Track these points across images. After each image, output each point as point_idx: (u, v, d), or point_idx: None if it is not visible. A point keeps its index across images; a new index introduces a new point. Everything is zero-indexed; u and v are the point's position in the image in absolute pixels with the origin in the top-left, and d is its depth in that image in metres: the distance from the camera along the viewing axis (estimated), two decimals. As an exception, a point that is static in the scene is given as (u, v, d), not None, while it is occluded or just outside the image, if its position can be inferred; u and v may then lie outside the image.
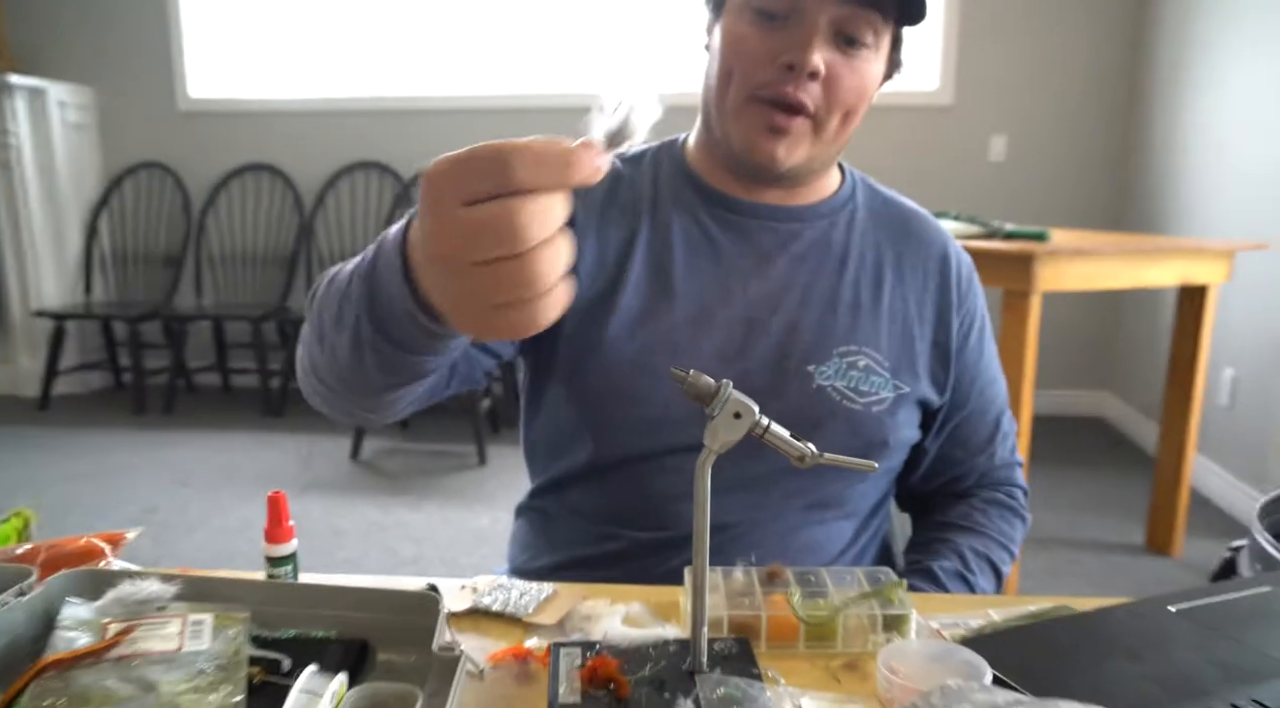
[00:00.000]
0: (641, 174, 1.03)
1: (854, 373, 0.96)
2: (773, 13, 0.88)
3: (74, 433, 3.96)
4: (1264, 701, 0.61)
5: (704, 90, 0.97)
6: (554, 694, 0.64)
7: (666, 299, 0.96)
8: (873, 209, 1.05)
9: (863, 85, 0.92)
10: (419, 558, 2.74)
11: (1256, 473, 2.96)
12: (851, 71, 0.90)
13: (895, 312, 1.00)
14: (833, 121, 0.92)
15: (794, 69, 0.87)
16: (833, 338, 0.97)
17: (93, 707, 0.58)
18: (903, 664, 0.65)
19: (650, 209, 1.00)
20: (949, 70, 4.14)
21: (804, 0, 0.86)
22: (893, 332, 0.99)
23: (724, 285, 0.97)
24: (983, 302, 1.08)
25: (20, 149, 4.29)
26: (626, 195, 1.01)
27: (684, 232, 0.98)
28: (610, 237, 0.98)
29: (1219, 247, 2.50)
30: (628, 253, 0.97)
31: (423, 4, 4.39)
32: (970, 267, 1.08)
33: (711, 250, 0.98)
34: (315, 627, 0.70)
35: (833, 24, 0.88)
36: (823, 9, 0.87)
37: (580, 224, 0.97)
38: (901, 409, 0.98)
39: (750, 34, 0.89)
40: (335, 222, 4.54)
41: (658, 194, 1.01)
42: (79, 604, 0.67)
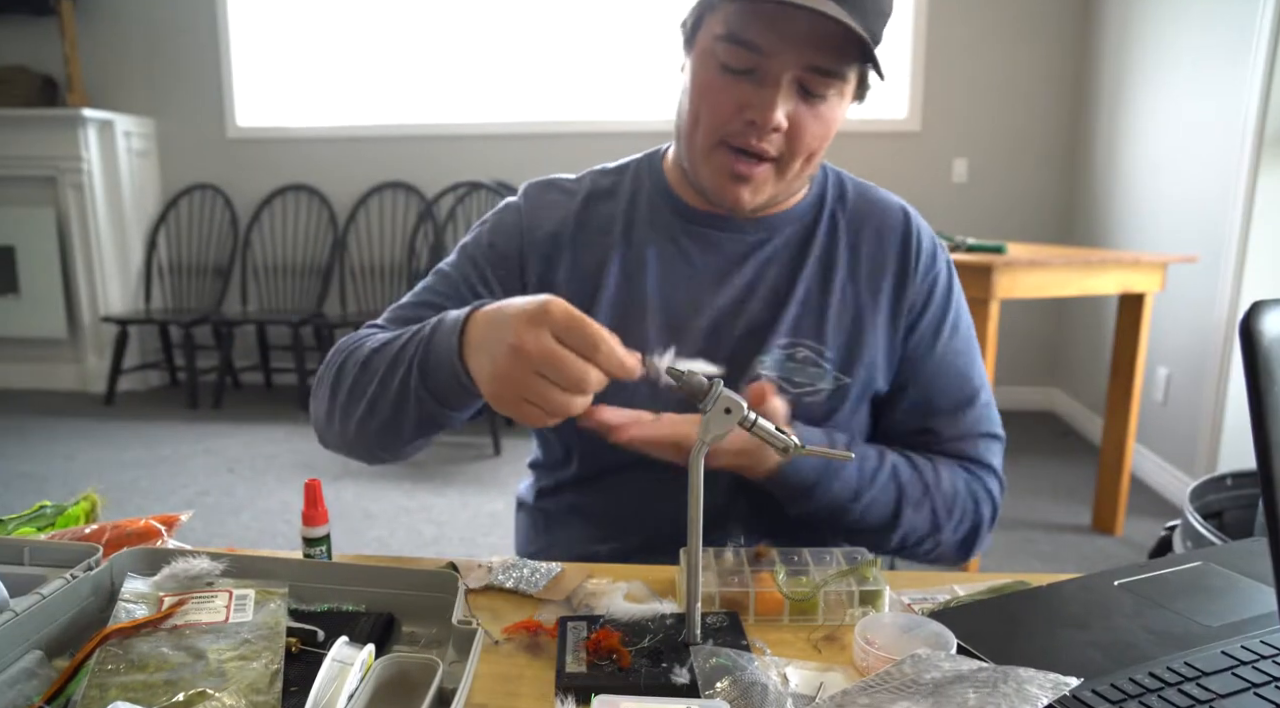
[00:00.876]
0: (620, 192, 0.98)
1: (791, 364, 0.91)
2: (736, 68, 0.81)
3: (135, 425, 3.95)
4: (1196, 664, 0.61)
5: (677, 117, 0.90)
6: (562, 664, 0.64)
7: (639, 315, 0.92)
8: (843, 204, 0.98)
9: (826, 130, 0.86)
10: (440, 539, 2.73)
11: (1188, 461, 2.96)
12: (815, 119, 0.84)
13: (846, 303, 0.93)
14: (796, 164, 0.86)
15: (757, 125, 0.81)
16: (776, 331, 0.91)
17: (149, 672, 0.58)
18: (877, 636, 0.64)
19: (625, 229, 0.95)
20: (916, 100, 4.14)
21: (767, 63, 0.80)
22: (841, 323, 0.93)
23: (694, 298, 0.93)
24: (956, 293, 0.98)
25: (91, 174, 4.30)
26: (604, 215, 0.96)
27: (659, 250, 0.94)
28: (585, 257, 0.95)
29: (1154, 259, 2.50)
30: (602, 272, 0.94)
31: (446, 37, 4.39)
32: (933, 254, 0.97)
33: (685, 266, 0.93)
34: (346, 601, 0.70)
35: (796, 80, 0.81)
36: (785, 70, 0.80)
37: (558, 241, 0.95)
38: (844, 401, 0.92)
39: (717, 84, 0.83)
40: (365, 236, 4.53)
41: (635, 213, 0.96)
42: (138, 579, 0.67)
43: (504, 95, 4.41)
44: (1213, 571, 0.77)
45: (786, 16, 0.77)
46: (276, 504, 3.00)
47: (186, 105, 4.57)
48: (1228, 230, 2.73)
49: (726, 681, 0.59)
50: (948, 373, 0.96)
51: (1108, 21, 3.76)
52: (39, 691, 0.58)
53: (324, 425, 0.89)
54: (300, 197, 4.55)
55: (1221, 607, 0.70)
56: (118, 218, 4.46)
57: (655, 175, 0.98)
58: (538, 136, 4.34)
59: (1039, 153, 4.12)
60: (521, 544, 1.07)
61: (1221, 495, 1.72)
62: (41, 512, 0.87)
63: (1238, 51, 2.71)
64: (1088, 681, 0.58)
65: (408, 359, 0.78)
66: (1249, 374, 0.53)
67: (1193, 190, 2.99)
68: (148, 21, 4.49)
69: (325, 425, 0.89)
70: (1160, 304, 3.02)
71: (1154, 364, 3.15)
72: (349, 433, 0.86)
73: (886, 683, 0.56)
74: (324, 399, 0.88)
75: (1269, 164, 2.61)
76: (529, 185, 1.00)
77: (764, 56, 0.79)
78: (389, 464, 0.95)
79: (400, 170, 4.48)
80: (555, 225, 0.96)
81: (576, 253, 0.95)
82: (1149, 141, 3.34)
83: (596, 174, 1.00)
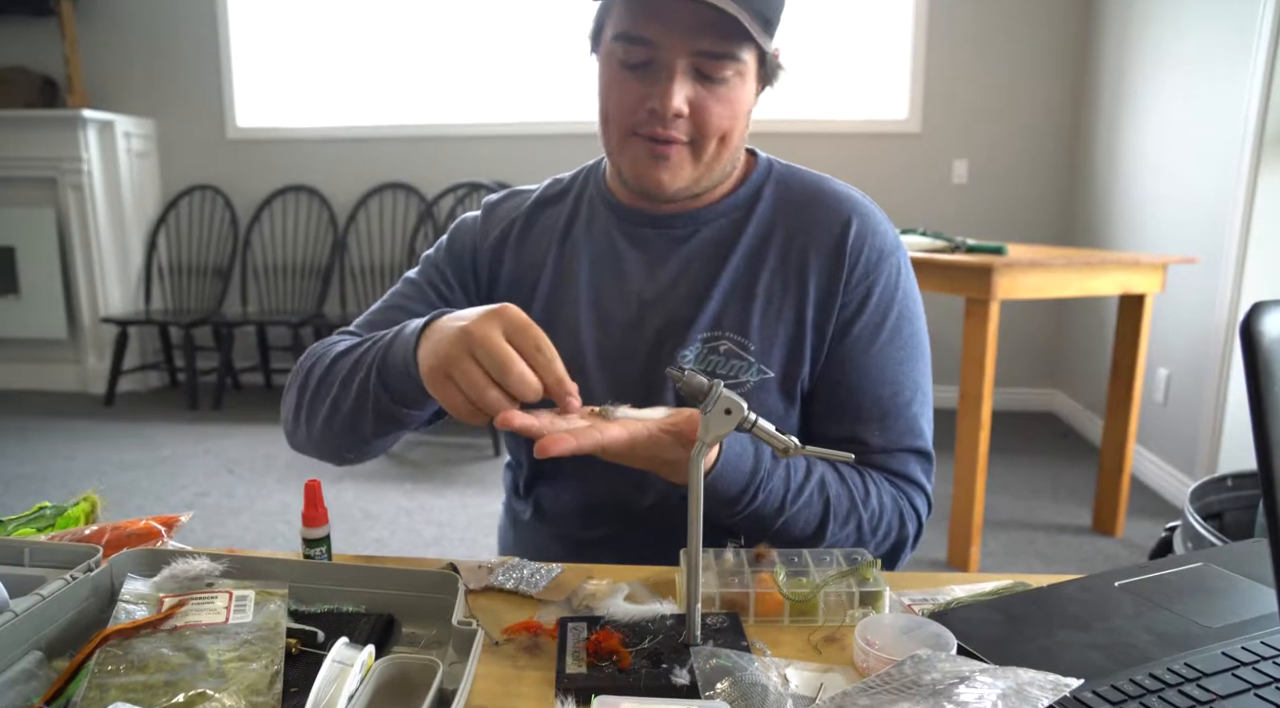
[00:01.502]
0: (567, 197, 1.02)
1: (714, 357, 0.91)
2: (633, 65, 0.85)
3: (135, 426, 3.95)
4: (1196, 665, 0.61)
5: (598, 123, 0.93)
6: (562, 665, 0.64)
7: (570, 308, 0.96)
8: (780, 195, 0.96)
9: (732, 110, 0.87)
10: (440, 540, 2.73)
11: (1188, 462, 2.96)
12: (717, 101, 0.86)
13: (772, 295, 0.92)
14: (709, 146, 0.88)
15: (658, 113, 0.84)
16: (698, 324, 0.92)
17: (149, 673, 0.58)
18: (877, 636, 0.64)
19: (566, 228, 0.99)
20: (916, 102, 4.14)
21: (659, 54, 0.83)
22: (767, 315, 0.92)
23: (621, 292, 0.95)
24: (903, 298, 0.93)
25: (91, 174, 4.30)
26: (547, 220, 1.01)
27: (592, 246, 0.98)
28: (526, 256, 0.99)
29: (1154, 260, 2.50)
30: (539, 268, 0.98)
31: (446, 37, 4.39)
32: (879, 255, 0.93)
33: (614, 262, 0.96)
34: (346, 602, 0.70)
35: (690, 66, 0.84)
36: (677, 58, 0.83)
37: (504, 243, 1.00)
38: (767, 394, 0.91)
39: (618, 82, 0.87)
40: (365, 237, 4.53)
41: (576, 213, 1.00)
42: (138, 580, 0.67)
43: (504, 96, 4.41)
44: (1213, 572, 0.77)
45: (670, 9, 0.82)
46: (276, 505, 2.99)
47: (186, 106, 4.57)
48: (1228, 231, 2.73)
49: (727, 682, 0.59)
50: (878, 378, 0.92)
51: (1108, 22, 3.76)
52: (39, 691, 0.58)
53: (291, 425, 0.93)
54: (300, 197, 4.55)
55: (1222, 608, 0.70)
56: (118, 218, 4.46)
57: (597, 178, 1.02)
58: (538, 137, 4.34)
59: (1039, 154, 4.12)
60: (500, 546, 1.10)
61: (1222, 496, 1.71)
62: (41, 513, 0.87)
63: (1238, 52, 2.71)
64: (1088, 682, 0.58)
65: (368, 362, 0.83)
66: (1249, 375, 0.53)
67: (1193, 191, 2.99)
68: (148, 22, 4.50)
69: (293, 425, 0.93)
70: (1160, 305, 3.02)
71: (1154, 365, 3.15)
72: (314, 432, 0.90)
73: (887, 684, 0.56)
74: (292, 400, 0.92)
75: (1269, 164, 2.61)
76: (489, 198, 1.06)
77: (655, 48, 0.83)
78: (354, 465, 0.96)
79: (400, 171, 4.48)
80: (504, 229, 1.01)
81: (520, 253, 1.00)
82: (1149, 142, 3.34)
83: (551, 181, 1.05)
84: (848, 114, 4.18)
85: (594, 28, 0.90)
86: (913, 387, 0.93)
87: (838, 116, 4.16)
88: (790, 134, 4.12)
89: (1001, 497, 3.05)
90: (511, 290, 0.99)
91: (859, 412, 0.92)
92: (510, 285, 0.99)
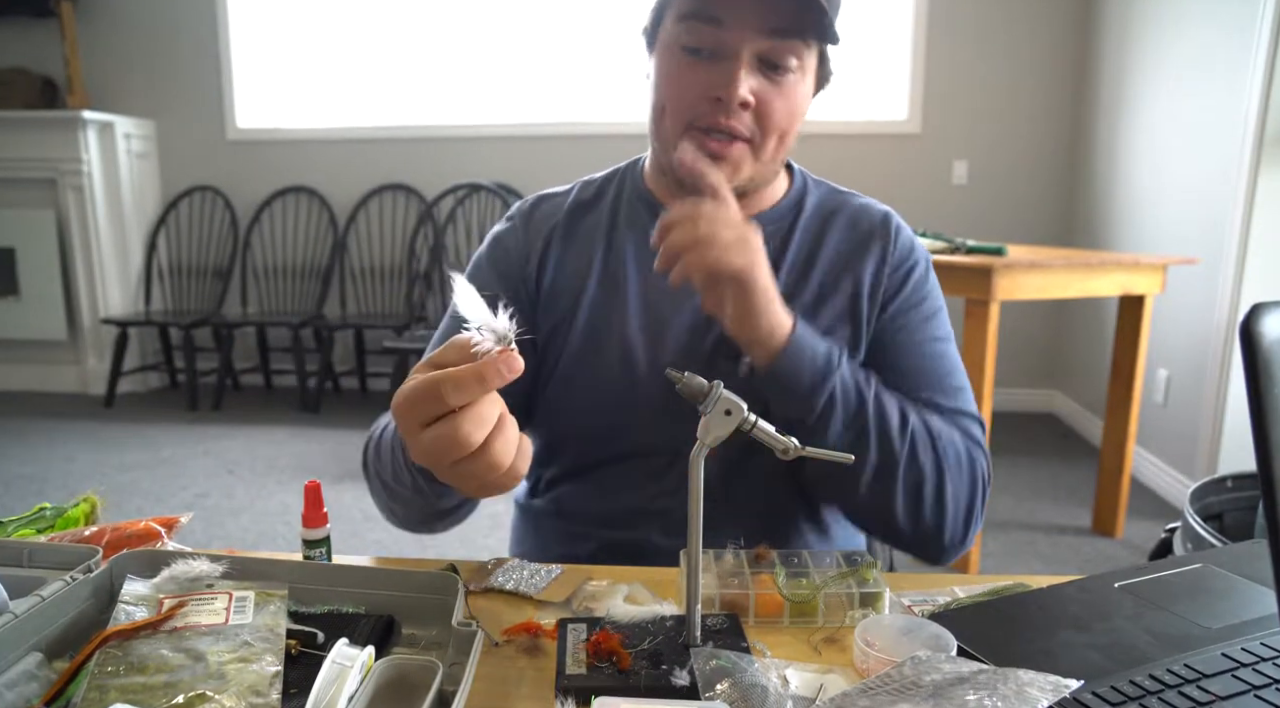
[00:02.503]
0: (604, 200, 0.99)
1: None
2: (698, 49, 0.83)
3: (135, 427, 3.95)
4: (1196, 666, 0.61)
5: (649, 121, 0.92)
6: (562, 666, 0.64)
7: (620, 312, 0.93)
8: (822, 208, 0.98)
9: (792, 107, 0.86)
10: (440, 541, 2.72)
11: (1188, 463, 2.96)
12: (780, 95, 0.85)
13: (823, 299, 0.93)
14: (769, 143, 0.87)
15: (723, 102, 0.83)
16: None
17: (149, 674, 0.58)
18: (877, 637, 0.64)
19: (607, 233, 0.97)
20: (916, 103, 4.14)
21: (727, 36, 0.81)
22: (820, 319, 0.92)
23: (676, 301, 0.93)
24: (932, 280, 0.97)
25: (91, 176, 4.30)
26: (588, 224, 0.98)
27: (637, 250, 0.95)
28: (569, 263, 0.96)
29: (1154, 261, 2.49)
30: (584, 276, 0.95)
31: (446, 38, 4.39)
32: (911, 247, 0.96)
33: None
34: (346, 603, 0.70)
35: (757, 54, 0.83)
36: (745, 43, 0.82)
37: (547, 251, 0.97)
38: None
39: (680, 70, 0.85)
40: (366, 238, 4.53)
41: (616, 217, 0.98)
42: (138, 581, 0.67)
43: (504, 97, 4.41)
44: (1213, 573, 0.77)
45: None
46: (276, 506, 2.99)
47: (186, 107, 4.57)
48: (1228, 231, 2.73)
49: (726, 683, 0.59)
50: (925, 355, 0.92)
51: (1108, 22, 3.76)
52: (38, 693, 0.58)
53: (383, 512, 0.94)
54: (300, 198, 4.55)
55: (1222, 609, 0.70)
56: (118, 220, 4.46)
57: (635, 180, 0.99)
58: (537, 138, 4.35)
59: (1039, 154, 4.13)
60: (512, 544, 1.08)
61: (1222, 497, 1.71)
62: (41, 514, 0.87)
63: (1238, 52, 2.71)
64: (1088, 683, 0.58)
65: (402, 463, 0.81)
66: (1249, 376, 0.53)
67: (1193, 191, 2.99)
68: (148, 23, 4.50)
69: (384, 513, 0.94)
70: (1160, 306, 3.02)
71: (1154, 366, 3.15)
72: (401, 521, 0.92)
73: (886, 685, 0.56)
74: (379, 503, 0.93)
75: (1269, 164, 2.61)
76: (518, 207, 1.02)
77: (724, 29, 0.81)
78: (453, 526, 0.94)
79: (400, 172, 4.48)
80: (546, 237, 0.98)
81: (562, 260, 0.96)
82: (1149, 143, 3.35)
83: (583, 184, 1.02)
84: (848, 115, 4.18)
85: (652, 19, 0.88)
86: (953, 362, 0.94)
87: (837, 117, 4.16)
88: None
89: (1001, 497, 3.05)
90: (553, 302, 0.96)
91: (910, 393, 0.90)
92: (552, 297, 0.96)
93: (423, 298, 4.38)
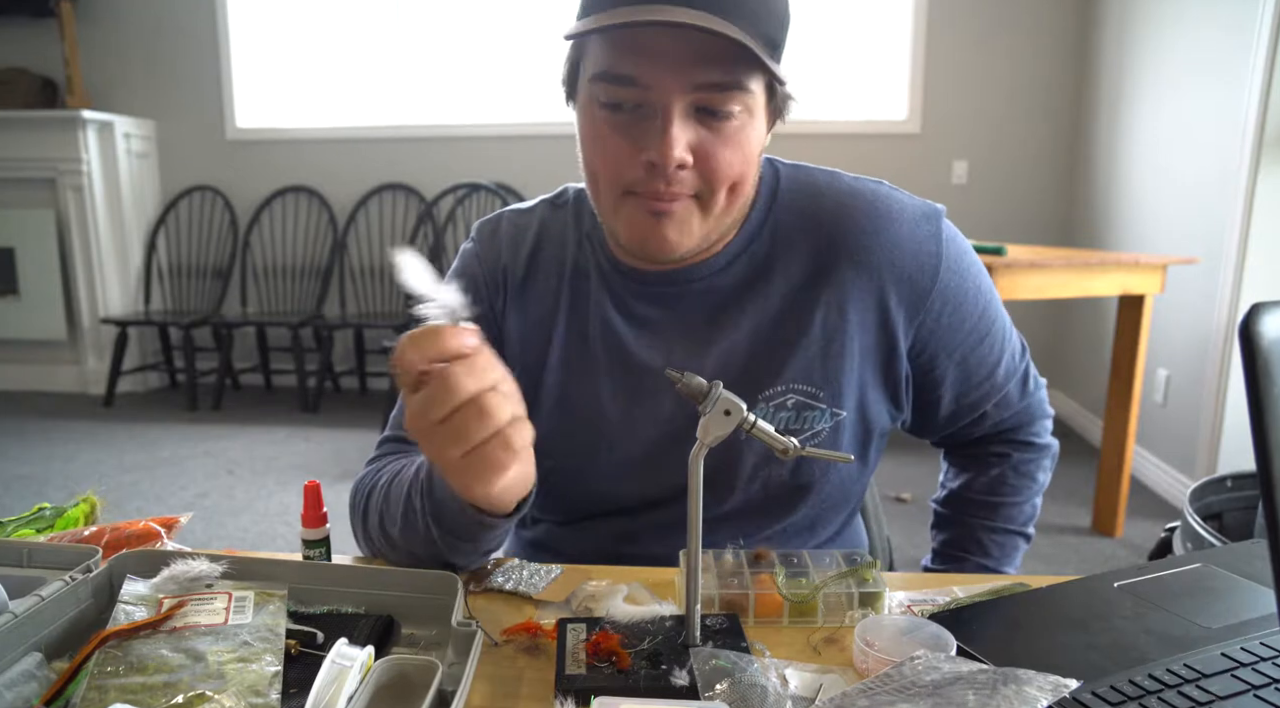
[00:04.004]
0: (564, 238, 0.89)
1: (783, 414, 0.82)
2: (619, 104, 0.71)
3: (134, 427, 3.95)
4: (1195, 666, 0.61)
5: (585, 182, 0.80)
6: (561, 666, 0.64)
7: (590, 377, 0.85)
8: (801, 211, 0.84)
9: (744, 154, 0.74)
10: (442, 539, 2.72)
11: (1187, 463, 2.96)
12: (724, 145, 0.72)
13: (831, 330, 0.82)
14: (718, 198, 0.75)
15: (657, 166, 0.71)
16: (758, 384, 0.82)
17: (148, 674, 0.58)
18: (877, 637, 0.64)
19: (571, 280, 0.87)
20: (916, 103, 4.14)
21: (648, 93, 0.70)
22: (830, 353, 0.82)
23: (650, 357, 0.84)
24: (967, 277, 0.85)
25: (91, 176, 4.31)
26: (547, 265, 0.88)
27: (600, 309, 0.85)
28: (531, 311, 0.87)
29: (1154, 261, 2.50)
30: (549, 330, 0.86)
31: (446, 38, 4.39)
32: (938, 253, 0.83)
33: (634, 326, 0.85)
34: (346, 603, 0.70)
35: (691, 104, 0.70)
36: (673, 95, 0.69)
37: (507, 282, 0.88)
38: (842, 435, 0.84)
39: (605, 131, 0.73)
40: (365, 238, 4.53)
41: (578, 265, 0.87)
42: (137, 581, 0.67)
43: (504, 97, 4.41)
44: (1212, 572, 0.77)
45: (653, 39, 0.68)
46: (276, 506, 2.99)
47: (186, 107, 4.57)
48: (1228, 231, 2.73)
49: (726, 683, 0.59)
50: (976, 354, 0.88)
51: (1107, 22, 3.76)
52: (38, 693, 0.58)
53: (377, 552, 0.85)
54: (300, 198, 4.55)
55: (1221, 609, 0.70)
56: (117, 219, 4.46)
57: (589, 226, 0.88)
58: (538, 138, 4.34)
59: (1039, 154, 4.13)
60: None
61: (1221, 497, 1.71)
62: (41, 514, 0.87)
63: (1238, 52, 2.71)
64: (1087, 682, 0.58)
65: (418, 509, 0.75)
66: (1248, 376, 0.53)
67: (1193, 191, 2.99)
68: (148, 23, 4.50)
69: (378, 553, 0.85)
70: (1160, 306, 3.02)
71: (1154, 366, 3.15)
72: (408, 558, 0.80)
73: (886, 685, 0.56)
74: (369, 538, 0.85)
75: (1269, 164, 2.61)
76: (479, 226, 0.92)
77: (644, 89, 0.70)
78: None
79: (400, 172, 4.48)
80: (507, 262, 0.88)
81: (525, 306, 0.88)
82: (1149, 143, 3.35)
83: (546, 207, 0.91)
84: (847, 114, 4.18)
85: (567, 71, 0.77)
86: (1002, 351, 0.90)
87: (837, 117, 4.17)
88: (790, 135, 4.11)
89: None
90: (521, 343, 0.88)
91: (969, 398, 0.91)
92: (519, 336, 0.88)
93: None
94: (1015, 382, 0.94)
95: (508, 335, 0.88)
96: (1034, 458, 1.00)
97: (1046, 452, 1.02)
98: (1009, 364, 0.92)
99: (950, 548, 0.99)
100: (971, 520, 0.99)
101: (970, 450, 1.01)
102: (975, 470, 1.00)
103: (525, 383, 0.80)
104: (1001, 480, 0.98)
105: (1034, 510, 1.01)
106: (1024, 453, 0.99)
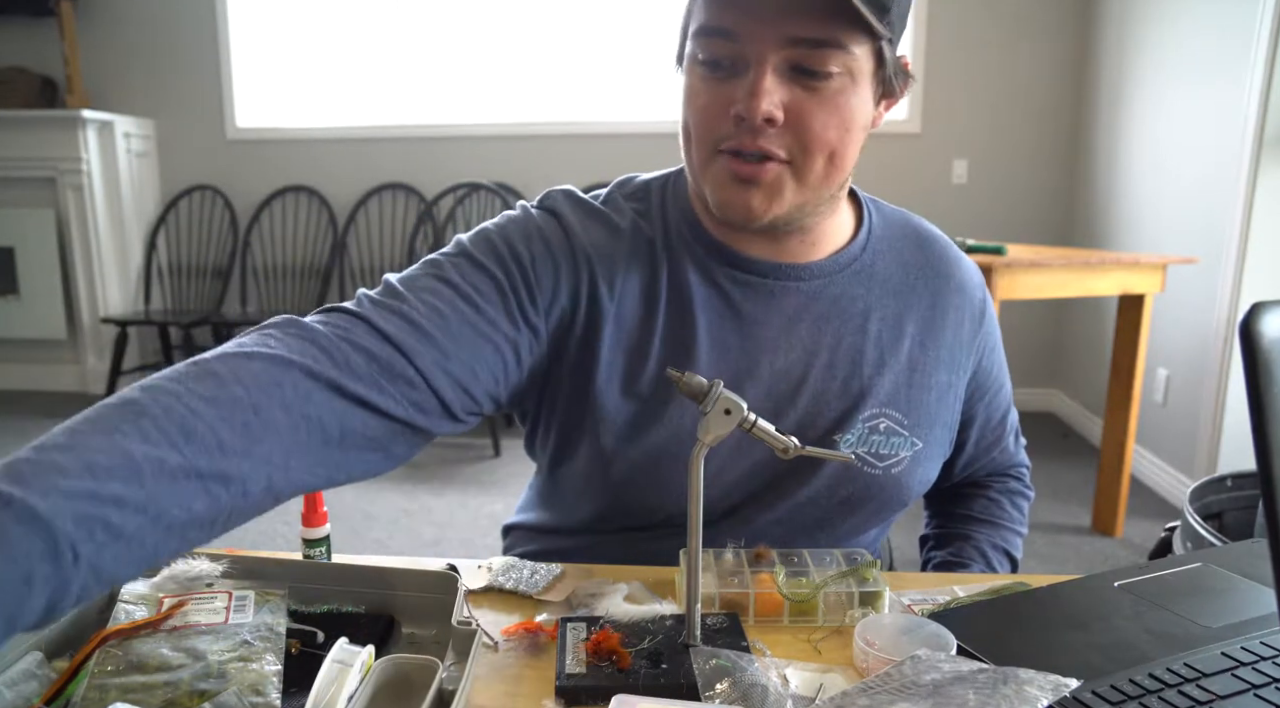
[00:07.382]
0: (651, 221, 0.83)
1: (875, 437, 0.82)
2: (717, 62, 0.71)
3: (134, 427, 3.94)
4: (1195, 665, 0.61)
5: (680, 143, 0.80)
6: (562, 665, 0.64)
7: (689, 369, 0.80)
8: (895, 247, 0.87)
9: (842, 118, 0.72)
10: (440, 540, 2.73)
11: (1187, 462, 2.96)
12: (820, 107, 0.70)
13: (915, 362, 0.84)
14: (814, 164, 0.73)
15: (745, 120, 0.70)
16: (858, 404, 0.82)
17: (148, 673, 0.58)
18: (877, 637, 0.64)
19: (668, 268, 0.81)
20: (916, 102, 4.14)
21: (742, 45, 0.69)
22: (914, 383, 0.84)
23: (751, 359, 0.80)
24: (995, 326, 0.94)
25: (90, 175, 4.30)
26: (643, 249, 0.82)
27: (705, 301, 0.80)
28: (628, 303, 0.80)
29: (1154, 260, 2.50)
30: (649, 328, 0.80)
31: (446, 37, 4.39)
32: (983, 292, 0.91)
33: (735, 320, 0.81)
34: (346, 603, 0.70)
35: (786, 61, 0.69)
36: (766, 51, 0.68)
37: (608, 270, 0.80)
38: (920, 465, 0.85)
39: (700, 87, 0.73)
40: (365, 238, 4.53)
41: (671, 250, 0.82)
42: (137, 580, 0.67)
43: (504, 96, 4.41)
44: (1212, 572, 0.77)
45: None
46: (276, 506, 2.99)
47: (186, 106, 4.57)
48: (1228, 231, 2.73)
49: (726, 682, 0.59)
50: (994, 404, 0.96)
51: (1107, 22, 3.76)
52: (38, 692, 0.58)
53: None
54: (300, 198, 4.55)
55: (1221, 608, 0.70)
56: (117, 219, 4.46)
57: (681, 205, 0.84)
58: (538, 137, 4.34)
59: (1039, 154, 4.13)
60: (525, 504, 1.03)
61: (1221, 497, 1.71)
62: (41, 513, 0.86)
63: (1238, 52, 2.71)
64: (1087, 682, 0.58)
65: None
66: (1249, 375, 0.53)
67: (1193, 191, 2.99)
68: (148, 22, 4.50)
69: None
70: (1160, 305, 3.02)
71: (1154, 365, 3.15)
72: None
73: (886, 684, 0.56)
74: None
75: (1269, 164, 2.61)
76: (560, 199, 0.83)
77: (740, 42, 0.69)
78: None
79: (400, 171, 4.48)
80: (604, 248, 0.81)
81: (620, 296, 0.80)
82: (1149, 142, 3.35)
83: (625, 197, 0.85)
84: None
85: (680, 37, 0.76)
86: (1009, 395, 0.99)
87: (837, 117, 4.16)
88: (790, 134, 4.13)
89: (1001, 497, 3.05)
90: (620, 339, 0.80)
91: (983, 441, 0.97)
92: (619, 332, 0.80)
93: (422, 297, 4.38)
94: (1013, 431, 1.00)
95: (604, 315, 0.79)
96: (1023, 492, 1.03)
97: (1029, 498, 1.04)
98: (1012, 414, 0.99)
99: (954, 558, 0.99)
100: (974, 534, 0.99)
101: (963, 490, 1.03)
102: (970, 499, 1.02)
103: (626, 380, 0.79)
104: (997, 504, 1.01)
105: (1020, 542, 1.00)
106: (1016, 484, 1.03)
